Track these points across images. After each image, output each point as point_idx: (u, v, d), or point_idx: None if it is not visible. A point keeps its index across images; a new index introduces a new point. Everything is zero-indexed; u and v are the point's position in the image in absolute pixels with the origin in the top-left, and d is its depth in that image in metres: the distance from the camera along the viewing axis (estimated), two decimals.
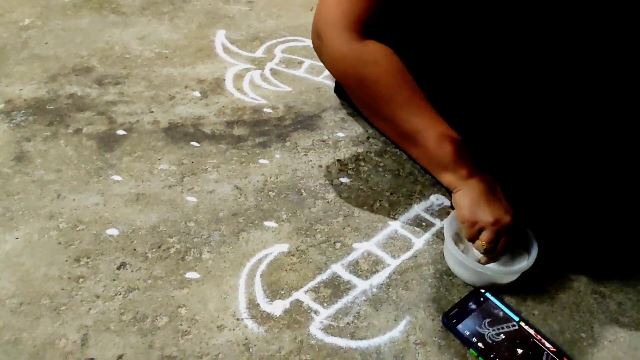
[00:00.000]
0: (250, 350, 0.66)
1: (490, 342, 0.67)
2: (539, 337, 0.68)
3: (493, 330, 0.68)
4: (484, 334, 0.68)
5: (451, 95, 0.79)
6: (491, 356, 0.65)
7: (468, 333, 0.67)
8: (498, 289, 0.74)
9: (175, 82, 1.13)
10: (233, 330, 0.68)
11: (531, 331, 0.68)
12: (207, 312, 0.70)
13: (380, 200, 0.89)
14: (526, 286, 0.75)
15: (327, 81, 1.17)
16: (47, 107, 1.03)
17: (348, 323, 0.70)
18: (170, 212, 0.84)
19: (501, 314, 0.70)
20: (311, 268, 0.77)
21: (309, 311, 0.71)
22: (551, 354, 0.66)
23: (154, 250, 0.78)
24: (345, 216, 0.86)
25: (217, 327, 0.68)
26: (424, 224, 0.86)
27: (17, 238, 0.78)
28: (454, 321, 0.69)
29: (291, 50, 1.28)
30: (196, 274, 0.75)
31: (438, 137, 0.74)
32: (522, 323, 0.69)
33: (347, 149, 0.99)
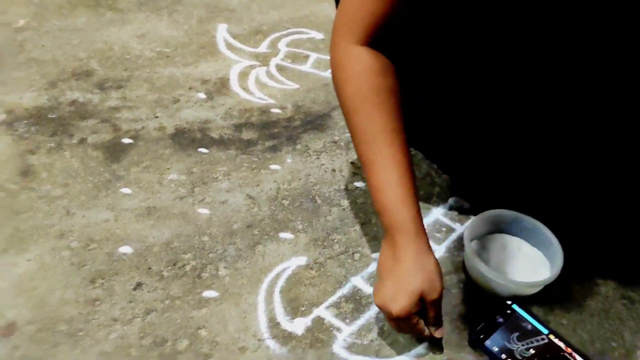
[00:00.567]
0: None
1: (520, 359, 0.65)
2: (569, 350, 0.66)
3: (522, 345, 0.66)
4: (513, 350, 0.66)
5: (462, 91, 0.75)
6: None
7: (497, 349, 0.66)
8: (525, 300, 0.72)
9: (178, 84, 1.10)
10: (255, 352, 0.67)
11: (561, 344, 0.67)
12: (228, 334, 0.68)
13: None
14: (553, 294, 0.73)
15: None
16: (49, 116, 1.00)
17: (372, 340, 0.69)
18: (183, 226, 0.82)
19: (530, 327, 0.68)
20: (331, 282, 0.75)
21: (331, 328, 0.69)
22: None
23: (169, 268, 0.76)
24: (362, 224, 0.83)
25: (239, 349, 0.67)
26: (444, 229, 0.83)
27: (29, 260, 0.76)
28: (482, 337, 0.67)
29: (296, 43, 1.24)
30: (214, 293, 0.73)
31: (376, 181, 0.65)
32: (552, 336, 0.68)
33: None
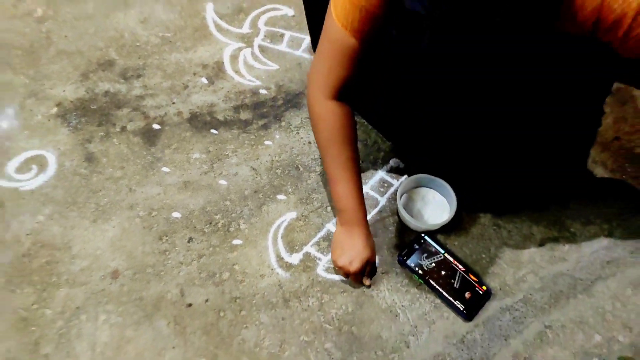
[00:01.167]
0: (282, 288, 1.09)
1: (426, 269, 1.11)
2: (455, 262, 1.12)
3: (428, 261, 1.12)
4: (422, 264, 1.12)
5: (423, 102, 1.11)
6: (427, 278, 1.10)
7: (413, 265, 1.12)
8: (433, 233, 1.17)
9: (184, 70, 1.40)
10: (270, 277, 1.11)
11: (450, 258, 1.13)
12: (252, 267, 1.12)
13: None
14: (451, 225, 1.18)
15: (306, 54, 1.45)
16: (91, 107, 1.32)
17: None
18: (211, 195, 1.21)
19: (433, 249, 1.14)
20: (313, 228, 1.18)
21: (315, 259, 1.14)
22: (462, 272, 1.11)
23: (207, 226, 1.17)
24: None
25: (260, 276, 1.11)
26: (386, 185, 1.25)
27: (114, 227, 1.16)
28: (404, 258, 1.12)
29: (272, 21, 1.52)
30: (239, 241, 1.15)
31: (340, 192, 1.04)
32: (446, 254, 1.13)
33: None
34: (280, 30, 1.50)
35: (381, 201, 1.22)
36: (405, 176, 1.24)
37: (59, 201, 1.18)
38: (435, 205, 1.20)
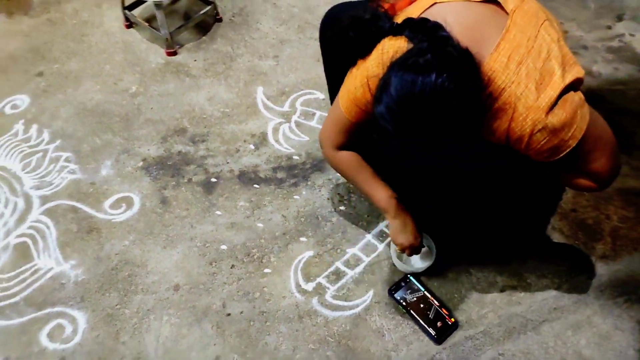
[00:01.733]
0: (298, 307, 1.45)
1: (409, 302, 1.45)
2: (432, 298, 1.46)
3: (411, 296, 1.46)
4: (407, 298, 1.46)
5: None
6: (409, 309, 1.43)
7: (399, 297, 1.46)
8: (417, 275, 1.51)
9: (237, 138, 1.84)
10: (290, 298, 1.47)
11: (429, 295, 1.46)
12: (277, 290, 1.49)
13: (361, 220, 1.64)
14: (433, 271, 1.52)
15: None
16: (168, 163, 1.76)
17: (344, 293, 1.49)
18: (250, 234, 1.60)
19: (415, 287, 1.48)
20: (325, 264, 1.54)
21: (325, 287, 1.49)
22: (436, 306, 1.44)
23: (246, 257, 1.55)
24: (342, 232, 1.61)
25: (282, 297, 1.48)
26: (384, 235, 1.61)
27: (178, 252, 1.56)
28: (393, 292, 1.47)
29: (307, 102, 1.95)
30: (269, 270, 1.53)
31: (379, 199, 1.39)
32: (426, 292, 1.47)
33: (343, 186, 1.71)
34: (312, 110, 1.92)
35: (379, 247, 1.58)
36: None
37: (140, 231, 1.60)
38: (420, 253, 1.55)
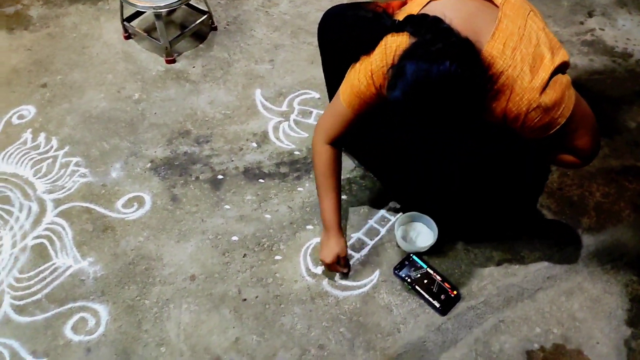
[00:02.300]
0: (310, 290, 1.54)
1: (413, 279, 1.54)
2: (435, 274, 1.55)
3: (415, 273, 1.56)
4: (411, 275, 1.55)
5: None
6: (413, 285, 1.53)
7: (404, 275, 1.55)
8: (419, 254, 1.61)
9: (240, 137, 1.92)
10: (301, 282, 1.56)
11: (431, 271, 1.56)
12: (288, 275, 1.57)
13: (363, 207, 1.74)
14: (433, 250, 1.62)
15: None
16: (175, 163, 1.84)
17: (352, 274, 1.58)
18: (259, 225, 1.68)
19: (418, 265, 1.57)
20: None
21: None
22: (439, 281, 1.54)
23: (257, 246, 1.64)
24: (346, 219, 1.71)
25: (294, 281, 1.56)
26: (386, 219, 1.71)
27: (192, 245, 1.63)
28: (397, 270, 1.56)
29: (304, 102, 2.05)
30: (280, 257, 1.61)
31: (326, 209, 1.49)
32: (428, 269, 1.57)
33: (344, 176, 1.81)
34: (309, 108, 2.02)
35: (382, 231, 1.68)
36: (400, 213, 1.70)
37: (153, 227, 1.67)
38: (422, 234, 1.65)
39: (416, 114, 1.08)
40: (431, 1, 1.22)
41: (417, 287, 1.53)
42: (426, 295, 1.51)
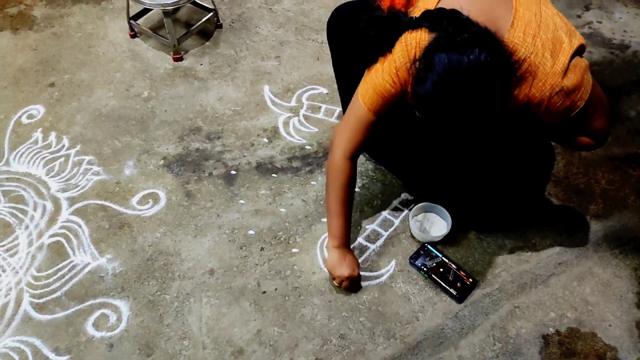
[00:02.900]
0: (328, 281, 1.56)
1: (429, 268, 1.57)
2: (450, 263, 1.59)
3: (430, 262, 1.59)
4: (427, 264, 1.58)
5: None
6: (430, 274, 1.56)
7: (420, 265, 1.58)
8: (434, 243, 1.64)
9: (251, 133, 1.94)
10: (319, 273, 1.58)
11: (446, 260, 1.59)
12: (306, 267, 1.60)
13: (376, 200, 1.77)
14: (447, 239, 1.65)
15: (336, 121, 1.98)
16: (187, 160, 1.85)
17: (368, 264, 1.60)
18: (275, 219, 1.70)
19: (434, 254, 1.60)
20: None
21: None
22: (454, 270, 1.57)
23: (274, 240, 1.66)
24: (360, 212, 1.73)
25: (312, 273, 1.58)
26: (399, 211, 1.74)
27: (209, 240, 1.65)
28: (413, 260, 1.59)
29: (312, 97, 2.07)
30: (296, 249, 1.63)
31: (335, 227, 1.49)
32: (443, 257, 1.60)
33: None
34: (318, 103, 2.04)
35: (396, 222, 1.71)
36: (413, 204, 1.73)
37: (170, 223, 1.69)
38: (435, 224, 1.68)
39: (445, 106, 1.10)
40: None
41: (434, 276, 1.56)
42: (443, 283, 1.54)
